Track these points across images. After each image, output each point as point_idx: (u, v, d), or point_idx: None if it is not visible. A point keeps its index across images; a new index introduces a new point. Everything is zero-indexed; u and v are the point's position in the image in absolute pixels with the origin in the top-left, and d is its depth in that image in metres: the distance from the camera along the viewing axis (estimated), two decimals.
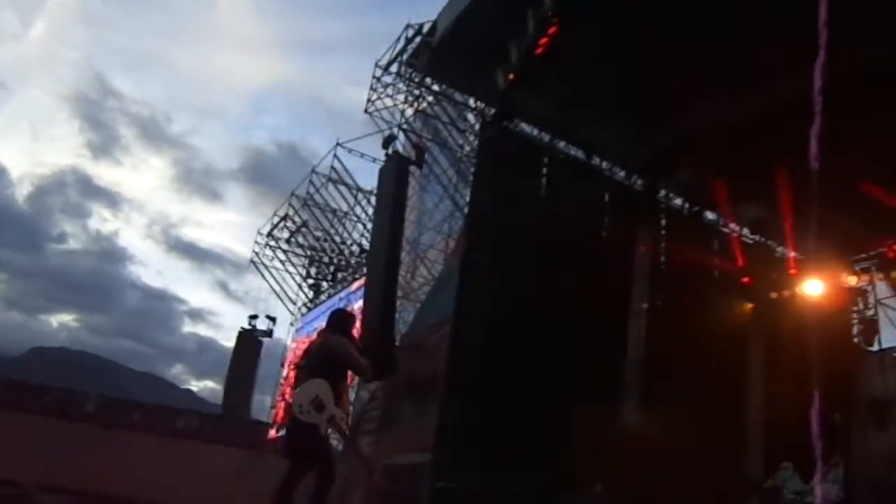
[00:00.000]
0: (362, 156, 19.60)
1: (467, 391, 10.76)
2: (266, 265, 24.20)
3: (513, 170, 12.28)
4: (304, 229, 23.01)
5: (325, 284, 23.28)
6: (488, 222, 11.61)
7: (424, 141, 16.07)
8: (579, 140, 13.53)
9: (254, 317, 27.59)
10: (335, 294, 21.61)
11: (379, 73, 14.49)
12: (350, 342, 5.70)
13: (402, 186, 14.52)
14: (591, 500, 10.36)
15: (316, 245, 23.23)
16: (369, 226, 19.63)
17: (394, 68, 14.15)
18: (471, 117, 15.06)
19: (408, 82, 14.14)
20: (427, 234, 19.43)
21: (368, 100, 14.93)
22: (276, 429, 22.64)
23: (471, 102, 14.40)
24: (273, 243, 23.86)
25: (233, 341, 28.61)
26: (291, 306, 24.48)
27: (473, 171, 14.06)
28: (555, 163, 13.19)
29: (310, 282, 23.85)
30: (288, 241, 23.61)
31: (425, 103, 14.71)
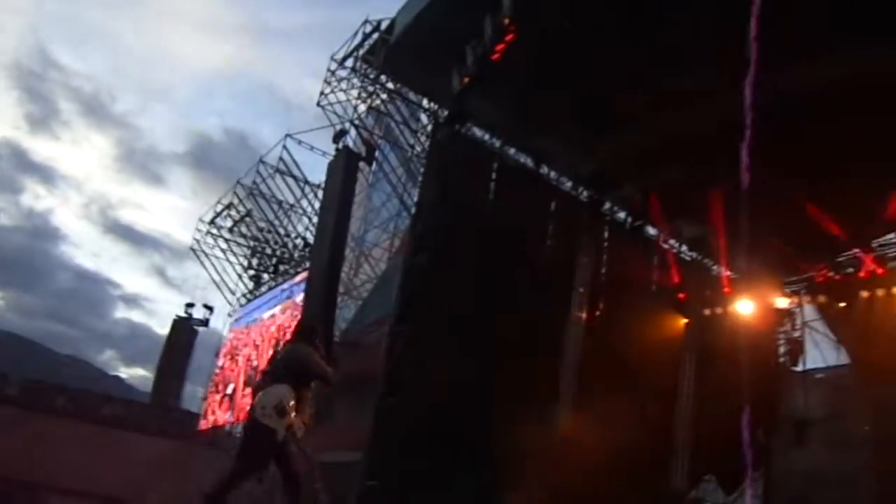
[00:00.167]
0: (312, 149, 19.40)
1: (404, 391, 10.75)
2: (206, 253, 23.72)
3: (462, 173, 12.34)
4: (247, 219, 22.63)
5: (266, 276, 22.93)
6: (434, 224, 11.63)
7: (375, 138, 16.00)
8: (529, 148, 13.70)
9: (190, 305, 26.97)
10: (277, 285, 21.30)
11: (334, 66, 14.34)
12: (315, 351, 5.76)
13: (351, 182, 14.46)
14: (520, 503, 10.46)
15: (259, 236, 22.86)
16: (315, 219, 19.44)
17: (349, 63, 14.02)
18: (423, 118, 15.05)
19: (362, 78, 14.03)
20: (373, 231, 19.36)
21: (322, 93, 14.75)
22: (207, 419, 22.24)
23: (424, 103, 14.37)
24: (215, 231, 23.40)
25: (167, 329, 27.93)
26: (230, 296, 24.07)
27: (423, 171, 14.07)
28: (504, 169, 13.31)
29: (251, 273, 23.46)
30: (231, 229, 23.18)
31: (379, 100, 14.62)
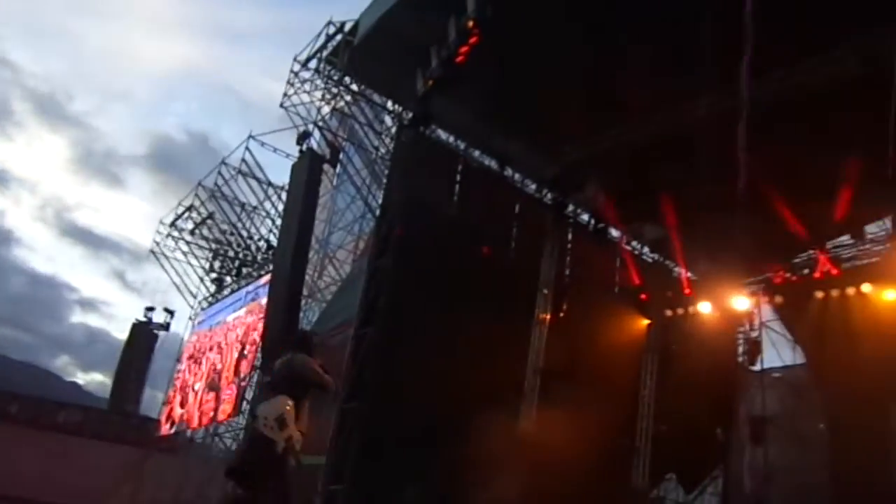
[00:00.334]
0: (275, 150, 19.15)
1: (367, 394, 10.72)
2: (167, 256, 23.27)
3: (426, 175, 12.36)
4: (209, 221, 22.25)
5: (228, 279, 22.60)
6: (399, 225, 11.62)
7: (340, 140, 15.91)
8: (493, 150, 13.77)
9: (150, 309, 26.45)
10: (240, 288, 21.01)
11: (297, 67, 14.21)
12: (312, 359, 5.75)
13: (315, 184, 14.34)
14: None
15: (221, 238, 22.51)
16: (278, 222, 19.20)
17: (312, 64, 13.91)
18: (388, 119, 15.02)
19: (326, 80, 13.95)
20: (337, 233, 19.23)
21: (285, 94, 14.60)
22: (167, 425, 21.86)
23: (389, 105, 14.36)
24: (176, 234, 22.97)
25: (126, 334, 27.40)
26: (192, 300, 23.66)
27: (387, 173, 14.05)
28: (468, 171, 13.37)
29: (213, 276, 23.07)
30: (192, 232, 22.78)
31: (343, 102, 14.54)
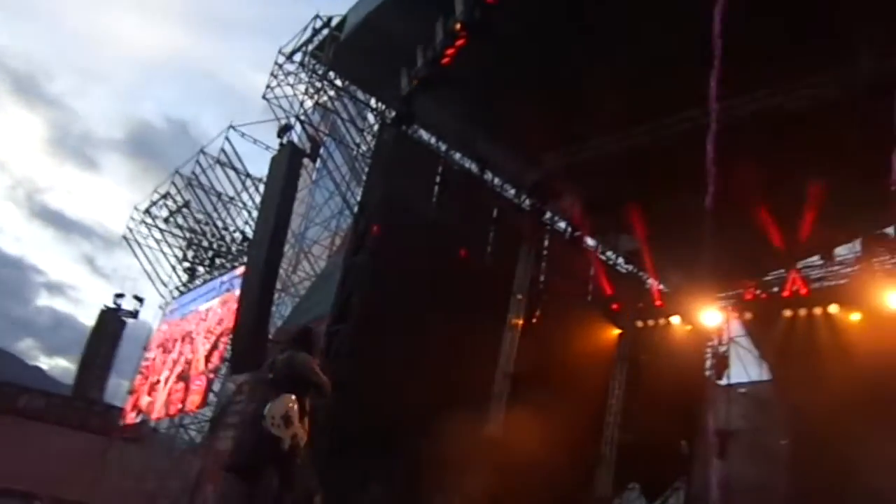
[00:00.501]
0: (255, 142, 18.99)
1: (337, 391, 10.65)
2: (140, 243, 22.95)
3: (406, 174, 12.37)
4: (185, 210, 21.98)
5: (201, 269, 22.36)
6: (376, 223, 11.61)
7: (321, 135, 15.84)
8: (474, 153, 13.81)
9: (120, 295, 26.08)
10: (213, 278, 20.80)
11: (282, 59, 14.13)
12: (313, 358, 5.73)
13: (293, 178, 14.23)
14: None
15: (196, 227, 22.25)
16: (255, 213, 19.05)
17: (297, 57, 13.85)
18: (370, 117, 15.00)
19: (310, 74, 13.88)
20: (314, 228, 19.15)
21: (268, 86, 14.50)
22: (132, 413, 21.58)
23: (372, 102, 14.34)
24: (150, 221, 22.67)
25: (93, 320, 27.00)
26: (163, 288, 23.37)
27: (367, 170, 14.02)
28: (448, 172, 13.40)
29: (185, 265, 22.82)
30: (166, 220, 22.50)
31: (326, 97, 14.50)
